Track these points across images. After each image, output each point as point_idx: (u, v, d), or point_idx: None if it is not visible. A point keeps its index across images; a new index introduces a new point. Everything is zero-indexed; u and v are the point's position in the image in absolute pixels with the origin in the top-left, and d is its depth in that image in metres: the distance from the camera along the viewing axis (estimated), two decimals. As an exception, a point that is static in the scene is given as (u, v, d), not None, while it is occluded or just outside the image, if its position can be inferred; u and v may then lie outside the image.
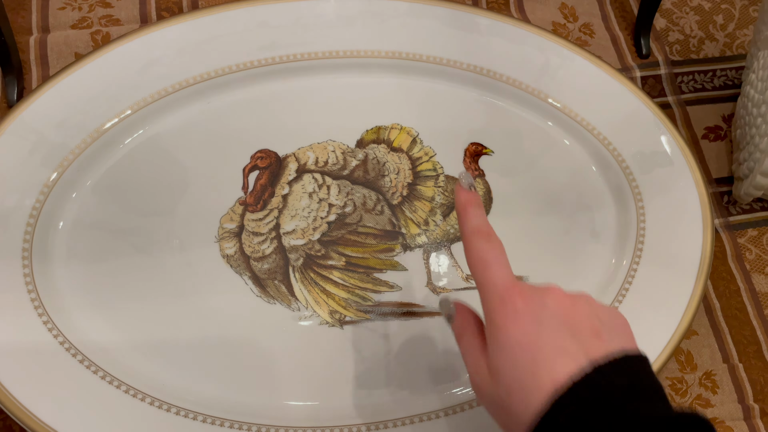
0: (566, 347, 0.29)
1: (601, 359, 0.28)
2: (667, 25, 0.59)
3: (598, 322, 0.30)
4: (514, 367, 0.29)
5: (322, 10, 0.50)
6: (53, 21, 0.51)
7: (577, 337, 0.29)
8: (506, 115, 0.51)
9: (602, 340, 0.29)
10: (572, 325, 0.29)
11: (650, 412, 0.27)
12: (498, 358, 0.30)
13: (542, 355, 0.29)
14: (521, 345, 0.29)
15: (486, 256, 0.32)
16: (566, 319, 0.30)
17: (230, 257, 0.44)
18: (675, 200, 0.48)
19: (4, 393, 0.37)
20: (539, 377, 0.28)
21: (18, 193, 0.42)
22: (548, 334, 0.29)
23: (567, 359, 0.28)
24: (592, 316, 0.30)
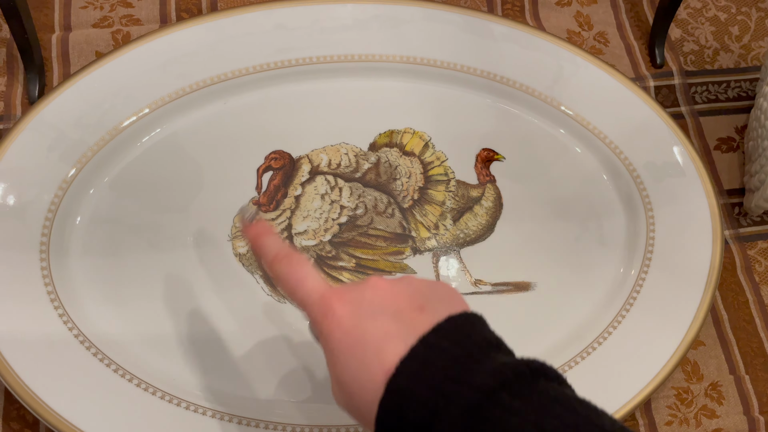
0: (390, 331, 0.28)
1: (426, 330, 0.28)
2: (682, 35, 0.59)
3: (421, 298, 0.30)
4: (348, 370, 0.29)
5: (339, 14, 0.50)
6: (75, 19, 0.52)
7: (400, 318, 0.29)
8: (519, 122, 0.51)
9: (426, 313, 0.29)
10: (394, 309, 0.29)
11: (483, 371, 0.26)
12: (335, 367, 0.29)
13: (369, 347, 0.28)
14: (348, 346, 0.29)
15: (292, 277, 0.32)
16: (386, 304, 0.29)
17: (242, 256, 0.45)
18: (685, 210, 0.48)
19: (18, 382, 0.38)
20: (371, 369, 0.28)
21: (37, 188, 0.43)
22: (370, 325, 0.29)
23: (394, 342, 0.28)
24: (414, 294, 0.30)
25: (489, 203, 0.49)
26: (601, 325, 0.45)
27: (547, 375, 0.27)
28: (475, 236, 0.48)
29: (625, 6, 0.60)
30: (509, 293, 0.46)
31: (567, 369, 0.44)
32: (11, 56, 0.51)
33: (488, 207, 0.49)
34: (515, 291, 0.46)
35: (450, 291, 0.32)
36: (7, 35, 0.52)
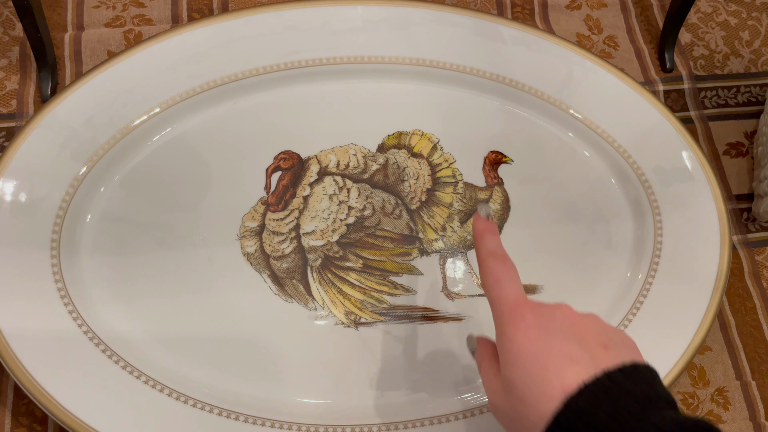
0: (575, 355, 0.30)
1: (612, 367, 0.29)
2: (692, 40, 0.59)
3: (605, 337, 0.31)
4: (525, 375, 0.30)
5: (349, 16, 0.51)
6: (88, 19, 0.53)
7: (586, 347, 0.30)
8: (527, 125, 0.51)
9: (610, 352, 0.30)
10: (581, 337, 0.30)
11: (661, 417, 0.28)
12: (510, 369, 0.31)
13: (552, 363, 0.29)
14: (531, 354, 0.30)
15: (499, 274, 0.34)
16: (575, 330, 0.31)
17: (251, 255, 0.45)
18: (693, 215, 0.48)
19: (27, 377, 0.39)
20: (550, 384, 0.29)
21: (49, 186, 0.43)
22: (557, 343, 0.30)
23: (577, 367, 0.29)
24: (600, 331, 0.31)
25: (497, 206, 0.49)
26: (608, 328, 0.45)
27: None
28: (483, 238, 0.48)
29: (635, 10, 0.59)
30: (516, 296, 0.46)
31: (573, 372, 0.44)
32: (24, 55, 0.51)
33: (496, 210, 0.49)
34: (522, 294, 0.46)
35: (632, 342, 0.33)
36: (20, 34, 0.52)
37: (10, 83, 0.51)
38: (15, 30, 0.52)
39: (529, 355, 0.30)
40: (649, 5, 0.60)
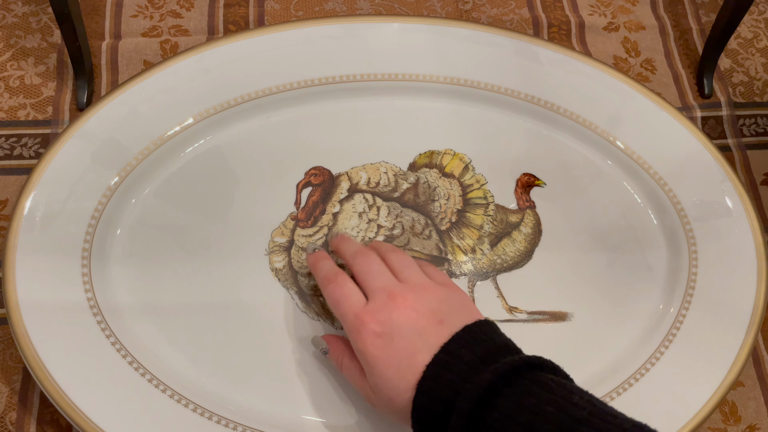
0: (417, 348, 0.35)
1: (447, 340, 0.35)
2: (731, 66, 0.58)
3: (439, 313, 0.37)
4: (384, 379, 0.35)
5: (385, 32, 0.50)
6: (125, 28, 0.53)
7: (424, 334, 0.36)
8: (561, 148, 0.51)
9: (445, 325, 0.36)
10: (419, 329, 0.36)
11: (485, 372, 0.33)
12: (372, 377, 0.36)
13: (402, 362, 0.35)
14: (382, 360, 0.36)
15: (335, 295, 0.39)
16: (411, 325, 0.36)
17: (279, 271, 0.45)
18: (730, 247, 0.47)
19: (53, 386, 0.39)
20: (405, 378, 0.35)
21: (82, 195, 0.43)
22: (402, 344, 0.35)
23: (422, 354, 0.35)
24: (433, 310, 0.37)
25: (528, 229, 0.48)
26: (638, 361, 0.44)
27: (542, 367, 0.34)
28: (513, 262, 0.47)
29: (674, 33, 0.59)
30: (545, 322, 0.46)
31: (602, 405, 0.43)
32: (62, 62, 0.52)
33: (527, 233, 0.48)
34: (551, 321, 0.46)
35: (464, 301, 0.39)
36: (58, 41, 0.53)
37: (47, 90, 0.51)
38: (53, 37, 0.53)
39: (381, 362, 0.36)
40: (688, 29, 0.59)
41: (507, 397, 0.32)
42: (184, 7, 0.55)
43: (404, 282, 0.39)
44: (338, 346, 0.41)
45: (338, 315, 0.39)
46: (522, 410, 0.31)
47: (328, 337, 0.42)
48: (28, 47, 0.52)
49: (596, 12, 0.58)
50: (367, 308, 0.37)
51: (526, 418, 0.31)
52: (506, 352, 0.35)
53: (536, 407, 0.31)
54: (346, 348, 0.40)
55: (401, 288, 0.38)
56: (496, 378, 0.32)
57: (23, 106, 0.50)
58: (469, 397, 0.32)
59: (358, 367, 0.38)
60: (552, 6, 0.58)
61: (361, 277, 0.40)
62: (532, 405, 0.31)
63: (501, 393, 0.32)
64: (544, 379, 0.32)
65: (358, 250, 0.41)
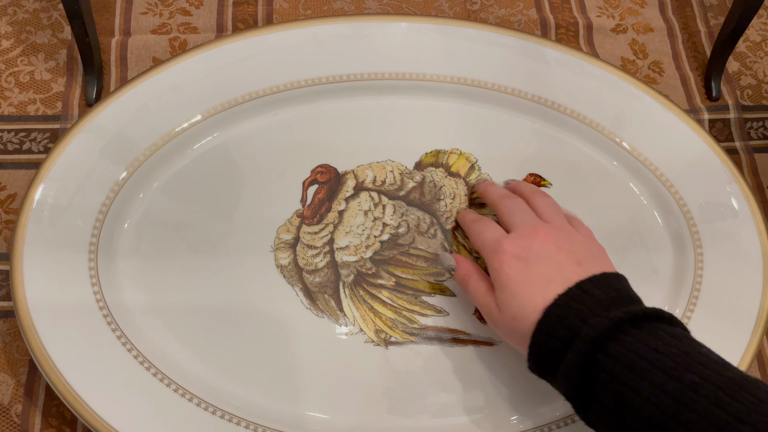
0: (552, 277, 0.37)
1: (582, 279, 0.36)
2: (739, 69, 0.58)
3: (578, 255, 0.38)
4: (514, 298, 0.37)
5: (393, 32, 0.50)
6: (135, 25, 0.54)
7: (560, 268, 0.37)
8: (567, 149, 0.51)
9: (583, 267, 0.37)
10: (557, 262, 0.38)
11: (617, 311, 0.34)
12: (501, 293, 0.38)
13: (534, 286, 0.37)
14: (516, 280, 0.38)
15: (479, 229, 0.42)
16: (551, 257, 0.38)
17: (284, 267, 0.45)
18: (736, 249, 0.47)
19: (59, 378, 0.39)
20: (534, 302, 0.36)
21: (90, 190, 0.44)
22: (536, 269, 0.37)
23: (555, 285, 0.36)
24: (573, 250, 0.38)
25: (533, 230, 0.48)
26: (643, 362, 0.44)
27: (670, 321, 0.35)
28: (518, 263, 0.47)
29: (683, 36, 0.59)
30: (549, 323, 0.46)
31: (605, 405, 0.43)
32: (71, 58, 0.52)
33: (532, 234, 0.48)
34: (555, 321, 0.46)
35: (602, 252, 0.40)
36: (68, 37, 0.53)
37: (57, 85, 0.51)
38: (63, 33, 0.53)
39: (514, 282, 0.37)
40: (696, 32, 0.59)
41: (632, 335, 0.33)
42: (194, 5, 0.55)
43: (548, 222, 0.41)
44: (465, 264, 0.42)
45: (479, 244, 0.41)
46: (645, 347, 0.32)
47: (456, 256, 0.44)
48: (39, 43, 0.53)
49: (604, 13, 0.58)
50: (509, 236, 0.40)
51: (648, 353, 0.32)
52: (637, 303, 0.36)
53: (661, 347, 0.32)
54: (473, 268, 0.42)
55: (544, 225, 0.40)
56: (624, 316, 0.33)
57: (33, 101, 0.51)
58: (595, 326, 0.33)
59: (485, 286, 0.40)
60: (560, 7, 0.58)
61: (506, 214, 0.42)
62: (657, 344, 0.32)
63: (626, 331, 0.33)
64: (668, 330, 0.34)
65: (505, 193, 0.44)
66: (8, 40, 0.53)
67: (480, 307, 0.41)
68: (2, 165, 0.48)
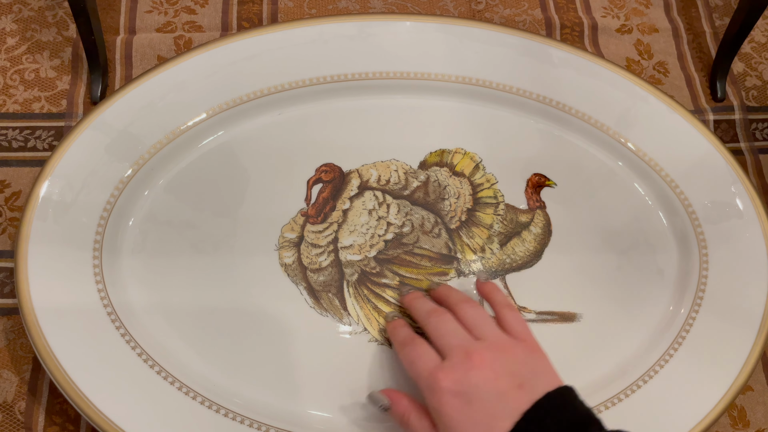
0: (496, 413, 0.34)
1: (527, 407, 0.34)
2: (744, 70, 0.58)
3: (519, 377, 0.35)
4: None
5: (397, 31, 0.50)
6: (140, 23, 0.54)
7: (503, 399, 0.34)
8: (572, 149, 0.51)
9: (525, 390, 0.35)
10: (498, 392, 0.35)
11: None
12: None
13: (480, 425, 0.34)
14: (459, 422, 0.34)
15: (410, 356, 0.38)
16: (489, 385, 0.35)
17: (288, 266, 0.45)
18: (741, 250, 0.47)
19: (63, 376, 0.39)
20: None
21: (95, 187, 0.44)
22: (479, 407, 0.34)
23: (501, 421, 0.34)
24: (513, 373, 0.36)
25: (538, 230, 0.48)
26: (647, 363, 0.44)
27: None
28: (522, 262, 0.47)
29: (688, 36, 0.58)
30: (554, 323, 0.46)
31: (610, 406, 0.43)
32: (76, 56, 0.52)
33: (537, 233, 0.48)
34: (560, 321, 0.46)
35: (544, 364, 0.37)
36: (73, 35, 0.53)
37: (62, 83, 0.51)
38: (68, 31, 0.54)
39: (459, 424, 0.34)
40: (701, 32, 0.59)
41: None
42: (198, 4, 0.55)
43: (480, 339, 0.38)
44: (401, 401, 0.39)
45: (413, 375, 0.38)
46: None
47: (390, 392, 0.40)
48: (44, 41, 0.53)
49: (609, 14, 0.58)
50: (443, 366, 0.36)
51: None
52: (589, 423, 0.34)
53: None
54: (411, 404, 0.38)
55: (478, 346, 0.37)
56: None
57: (38, 98, 0.51)
58: None
59: (428, 424, 0.37)
60: (565, 7, 0.58)
61: (435, 336, 0.39)
62: None
63: None
64: None
65: (431, 309, 0.41)
66: (13, 37, 0.53)
67: None
68: (7, 162, 0.48)
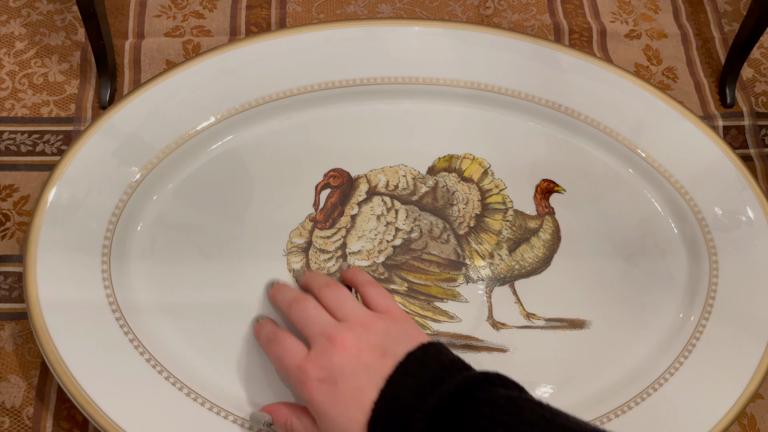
0: (362, 384, 0.34)
1: (391, 371, 0.34)
2: (754, 76, 0.58)
3: (381, 347, 0.36)
4: (333, 422, 0.34)
5: (405, 36, 0.50)
6: (148, 27, 0.54)
7: (369, 371, 0.35)
8: (580, 154, 0.50)
9: (389, 356, 0.35)
10: (362, 363, 0.35)
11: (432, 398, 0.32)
12: (322, 424, 0.35)
13: (348, 402, 0.34)
14: (329, 405, 0.34)
15: (276, 353, 0.38)
16: (354, 363, 0.35)
17: (297, 271, 0.45)
18: (751, 257, 0.47)
19: (71, 381, 0.39)
20: (355, 419, 0.33)
21: (104, 192, 0.44)
22: (344, 385, 0.35)
23: (368, 391, 0.34)
24: (375, 344, 0.36)
25: (547, 236, 0.48)
26: (657, 371, 0.44)
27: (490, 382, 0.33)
28: (531, 269, 0.47)
29: (697, 42, 0.58)
30: (563, 330, 0.45)
31: (620, 414, 0.42)
32: (85, 60, 0.52)
33: (546, 239, 0.48)
34: (569, 328, 0.45)
35: (406, 328, 0.38)
36: (82, 39, 0.53)
37: (70, 87, 0.51)
38: (77, 35, 0.54)
39: (328, 407, 0.34)
40: (710, 38, 0.58)
41: (458, 425, 0.31)
42: (207, 8, 0.55)
43: (343, 320, 0.38)
44: (281, 411, 0.39)
45: (282, 371, 0.38)
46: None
47: (268, 407, 0.39)
48: (53, 45, 0.53)
49: (618, 19, 0.58)
50: (309, 357, 0.36)
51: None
52: (453, 371, 0.34)
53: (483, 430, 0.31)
54: (290, 410, 0.38)
55: (339, 328, 0.37)
56: (443, 404, 0.32)
57: (46, 103, 0.51)
58: (420, 427, 0.31)
59: (310, 421, 0.37)
60: (573, 12, 0.58)
61: (300, 326, 0.39)
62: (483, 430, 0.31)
63: (451, 420, 0.31)
64: (494, 397, 0.32)
65: (293, 297, 0.40)
66: (22, 41, 0.53)
67: None
68: (15, 166, 0.49)
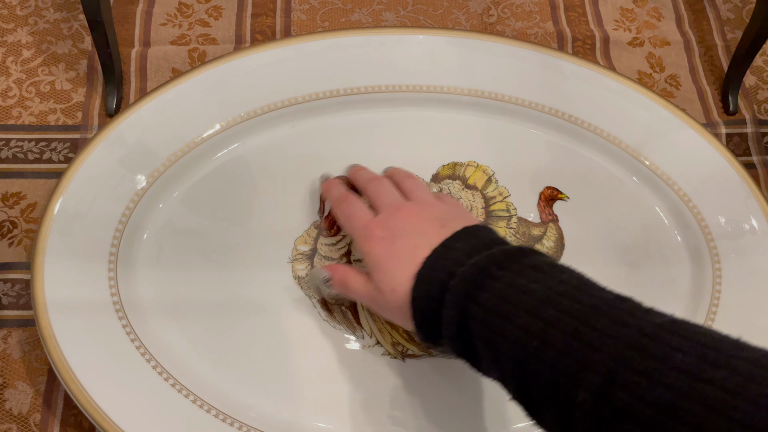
0: (418, 245, 0.37)
1: (446, 237, 0.37)
2: (756, 83, 0.58)
3: (441, 219, 0.39)
4: (387, 273, 0.37)
5: (409, 44, 0.51)
6: (154, 36, 0.54)
7: (426, 235, 0.38)
8: (584, 162, 0.51)
9: (447, 228, 0.38)
10: (421, 231, 0.38)
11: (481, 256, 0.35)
12: (376, 274, 0.38)
13: (403, 256, 0.37)
14: (385, 257, 0.38)
15: (346, 212, 0.42)
16: (416, 228, 0.39)
17: (301, 279, 0.45)
18: (754, 265, 0.47)
19: (78, 387, 0.39)
20: (407, 270, 0.37)
21: (110, 199, 0.44)
22: (403, 243, 0.38)
23: (421, 250, 0.37)
24: (437, 217, 0.39)
25: (550, 243, 0.48)
26: (661, 378, 0.44)
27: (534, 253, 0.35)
28: (535, 276, 0.47)
29: (699, 50, 0.58)
30: (566, 337, 0.45)
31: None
32: (92, 68, 0.53)
33: (549, 247, 0.48)
34: (573, 335, 0.46)
35: (467, 213, 0.42)
36: (88, 47, 0.54)
37: (77, 95, 0.52)
38: (84, 43, 0.54)
39: (384, 258, 0.38)
40: (713, 45, 0.59)
41: (498, 279, 0.33)
42: (213, 17, 0.55)
43: (413, 200, 0.41)
44: (338, 268, 0.42)
45: (349, 229, 0.42)
46: (511, 289, 0.32)
47: (328, 266, 0.43)
48: (59, 53, 0.53)
49: (621, 27, 0.59)
50: (376, 219, 0.40)
51: (514, 296, 0.32)
52: (502, 243, 0.37)
53: (525, 286, 0.32)
54: (347, 268, 0.42)
55: (408, 203, 0.41)
56: (488, 260, 0.34)
57: (53, 111, 0.51)
58: (461, 277, 0.34)
59: (363, 278, 0.40)
60: (577, 20, 0.58)
61: (372, 198, 0.42)
62: (521, 284, 0.32)
63: (493, 275, 0.33)
64: (535, 262, 0.34)
65: (372, 176, 0.44)
66: (29, 50, 0.53)
67: (364, 299, 0.40)
68: (23, 174, 0.49)
